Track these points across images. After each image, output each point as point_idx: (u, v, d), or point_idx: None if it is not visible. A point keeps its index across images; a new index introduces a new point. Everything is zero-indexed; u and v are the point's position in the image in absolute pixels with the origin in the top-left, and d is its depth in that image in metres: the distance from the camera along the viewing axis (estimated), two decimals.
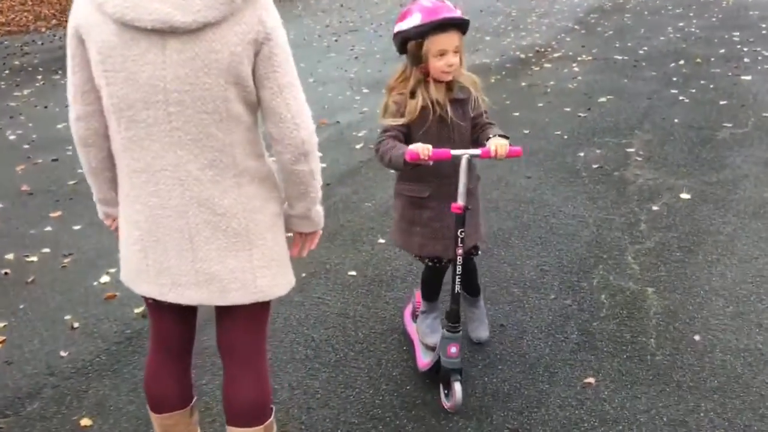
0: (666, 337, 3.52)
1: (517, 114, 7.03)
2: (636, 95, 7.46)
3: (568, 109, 7.11)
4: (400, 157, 2.78)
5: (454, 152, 2.85)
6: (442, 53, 2.84)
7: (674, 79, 7.96)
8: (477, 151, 2.89)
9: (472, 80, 3.04)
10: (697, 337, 3.50)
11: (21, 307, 4.03)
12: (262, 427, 2.33)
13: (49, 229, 5.00)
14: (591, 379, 3.25)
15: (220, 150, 2.00)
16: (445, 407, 3.09)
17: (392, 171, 3.16)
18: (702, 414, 3.01)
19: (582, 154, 5.89)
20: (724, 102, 7.05)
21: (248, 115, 2.02)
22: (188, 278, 2.13)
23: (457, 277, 2.97)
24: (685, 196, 5.01)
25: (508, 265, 4.24)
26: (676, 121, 6.57)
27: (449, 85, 2.96)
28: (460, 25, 2.86)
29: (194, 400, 2.54)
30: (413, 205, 3.11)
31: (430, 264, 3.24)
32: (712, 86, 7.60)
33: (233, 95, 1.95)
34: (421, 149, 2.74)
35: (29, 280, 4.32)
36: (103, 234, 4.69)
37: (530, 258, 4.31)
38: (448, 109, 2.95)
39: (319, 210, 2.25)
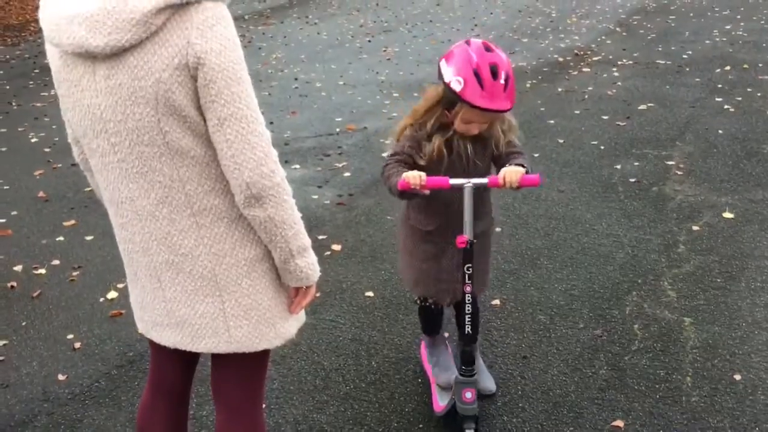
0: (703, 375, 3.24)
1: (552, 122, 6.74)
2: (678, 103, 7.12)
3: (605, 117, 6.80)
4: (395, 186, 2.54)
5: (454, 181, 2.59)
6: (470, 122, 2.62)
7: (719, 86, 7.60)
8: (483, 180, 2.62)
9: (508, 123, 2.78)
10: (737, 377, 3.22)
11: (23, 324, 3.88)
12: None
13: (61, 239, 4.85)
14: (620, 422, 2.99)
15: (168, 186, 1.79)
16: None
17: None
18: None
19: (619, 167, 5.59)
20: None
21: (201, 149, 1.76)
22: (162, 318, 1.98)
23: (467, 316, 2.73)
24: (728, 215, 4.70)
25: (535, 288, 3.98)
26: (720, 132, 6.23)
27: None
28: None
29: None
30: (415, 236, 2.87)
31: (417, 302, 3.02)
32: (759, 94, 7.23)
33: (172, 127, 1.72)
34: (412, 178, 2.50)
35: (35, 294, 4.16)
36: (115, 246, 4.48)
37: (559, 281, 4.04)
38: (469, 147, 2.70)
39: (300, 264, 1.90)
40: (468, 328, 2.75)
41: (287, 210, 1.83)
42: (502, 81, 2.52)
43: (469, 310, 2.73)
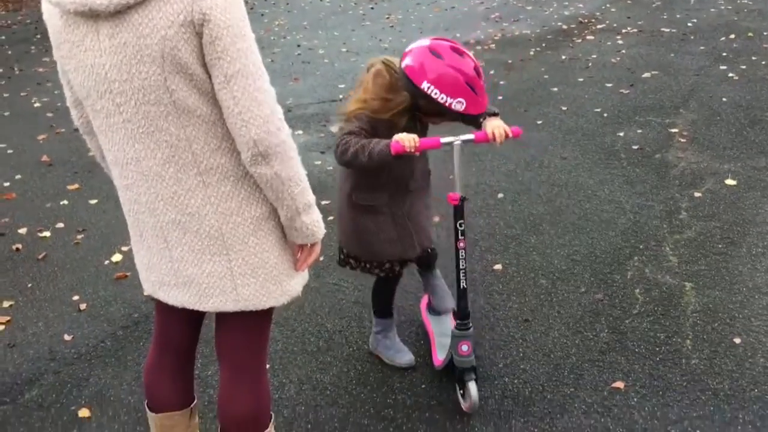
0: (703, 338, 3.27)
1: (555, 89, 6.73)
2: (682, 71, 7.09)
3: (609, 85, 6.79)
4: (385, 151, 2.53)
5: (444, 139, 2.64)
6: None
7: (724, 54, 7.57)
8: (470, 136, 2.68)
9: None
10: (737, 340, 3.25)
11: (29, 285, 3.92)
12: None
13: (65, 202, 4.87)
14: (620, 383, 3.03)
15: (174, 145, 1.79)
16: (463, 408, 2.90)
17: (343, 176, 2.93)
18: (740, 427, 2.77)
19: (622, 134, 5.59)
20: None
21: (207, 107, 1.76)
22: (170, 278, 1.99)
23: (460, 271, 2.80)
24: (730, 182, 4.71)
25: (537, 253, 4.01)
26: (723, 99, 6.22)
27: None
28: None
29: (194, 403, 2.38)
30: (367, 213, 2.87)
31: (382, 274, 3.03)
32: (763, 63, 7.20)
33: (178, 85, 1.71)
34: (407, 140, 2.52)
35: (40, 256, 4.20)
36: (119, 209, 4.51)
37: (561, 246, 4.06)
38: (418, 125, 2.80)
39: (305, 221, 1.92)
40: (463, 283, 2.82)
41: (293, 167, 1.84)
42: (483, 77, 2.64)
43: (462, 266, 2.80)
